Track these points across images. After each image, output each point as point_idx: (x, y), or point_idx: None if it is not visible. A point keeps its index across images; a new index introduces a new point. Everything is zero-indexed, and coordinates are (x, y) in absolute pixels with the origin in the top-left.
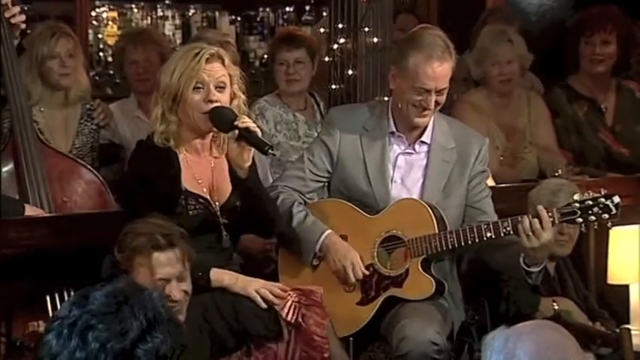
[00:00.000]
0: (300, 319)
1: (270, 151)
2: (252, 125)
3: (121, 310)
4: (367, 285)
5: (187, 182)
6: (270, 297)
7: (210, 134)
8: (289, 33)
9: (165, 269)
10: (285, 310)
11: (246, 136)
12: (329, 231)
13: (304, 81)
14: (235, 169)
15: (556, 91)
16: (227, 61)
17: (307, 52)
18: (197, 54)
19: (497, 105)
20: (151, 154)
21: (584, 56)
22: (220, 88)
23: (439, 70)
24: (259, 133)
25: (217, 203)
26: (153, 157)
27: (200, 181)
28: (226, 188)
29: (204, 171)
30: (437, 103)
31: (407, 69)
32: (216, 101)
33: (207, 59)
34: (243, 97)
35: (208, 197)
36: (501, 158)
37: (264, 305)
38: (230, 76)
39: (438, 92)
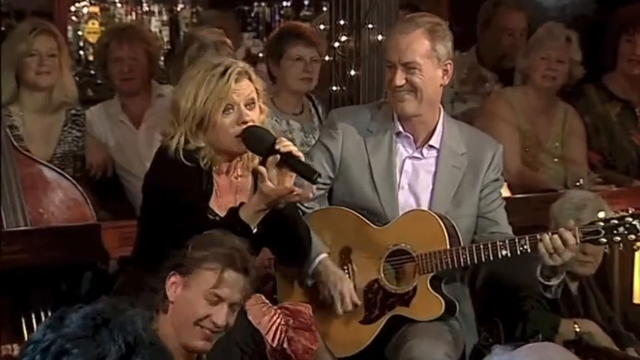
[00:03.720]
0: (286, 344)
1: (318, 179)
2: (294, 149)
3: (99, 334)
4: (371, 302)
5: (214, 204)
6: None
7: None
8: (305, 28)
9: (227, 290)
10: (271, 335)
11: (290, 162)
12: (323, 255)
13: (315, 81)
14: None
15: (588, 89)
16: (254, 75)
17: (318, 51)
18: (223, 73)
19: (533, 108)
20: (181, 167)
21: (622, 55)
22: (251, 105)
23: (402, 40)
24: (302, 158)
25: None
26: (183, 171)
27: (222, 202)
28: None
29: (227, 191)
30: (410, 83)
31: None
32: (250, 121)
33: (236, 79)
34: (267, 109)
35: None
36: (529, 159)
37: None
38: (257, 90)
39: (407, 68)
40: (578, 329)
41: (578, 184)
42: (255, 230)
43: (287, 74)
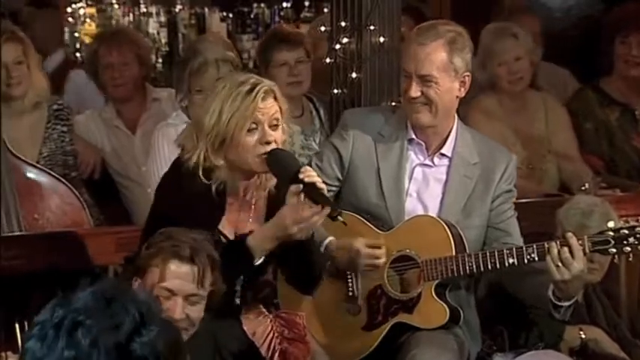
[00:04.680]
0: (280, 355)
1: (339, 218)
2: (318, 180)
3: (111, 307)
4: (374, 308)
5: (224, 225)
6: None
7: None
8: (286, 31)
9: (175, 282)
10: (266, 346)
11: (311, 194)
12: (330, 239)
13: (307, 83)
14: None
15: (586, 93)
16: (279, 94)
17: (305, 51)
18: (250, 91)
19: (510, 110)
20: (193, 183)
21: (618, 57)
22: (275, 126)
23: (420, 51)
24: (325, 190)
25: None
26: (194, 187)
27: (234, 225)
28: None
29: (240, 218)
30: (425, 95)
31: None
32: (273, 141)
33: (263, 97)
34: (289, 129)
35: None
36: (519, 168)
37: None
38: (281, 110)
39: (423, 81)
40: (583, 336)
41: (583, 188)
42: (258, 262)
43: (275, 81)
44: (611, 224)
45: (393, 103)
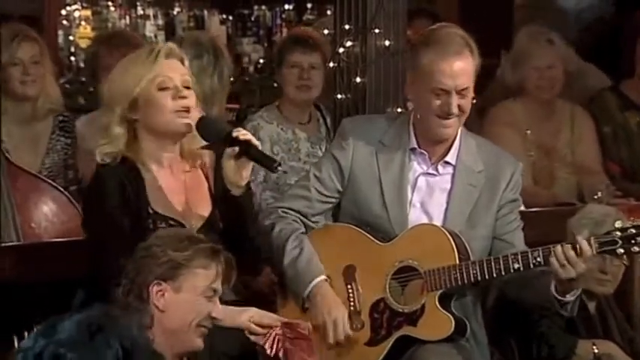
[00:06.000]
0: (283, 355)
1: (278, 167)
2: (253, 138)
3: (94, 340)
4: (377, 323)
5: (156, 203)
6: (260, 330)
7: (178, 145)
8: (305, 34)
9: (219, 283)
10: (269, 344)
11: (249, 152)
12: (320, 278)
13: (316, 89)
14: (229, 187)
15: (606, 96)
16: (186, 61)
17: (321, 57)
18: (150, 52)
19: (535, 117)
20: (111, 174)
21: (639, 60)
22: (187, 87)
23: (456, 65)
24: (260, 147)
25: (193, 226)
26: (114, 176)
27: (171, 201)
28: (204, 207)
29: (175, 188)
30: (460, 108)
31: (421, 70)
32: (188, 103)
33: (166, 54)
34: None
35: (181, 219)
36: (540, 172)
37: (260, 330)
38: (191, 77)
39: (460, 94)
40: (596, 350)
41: (596, 197)
42: None
43: (285, 82)
44: (618, 224)
45: (399, 110)
